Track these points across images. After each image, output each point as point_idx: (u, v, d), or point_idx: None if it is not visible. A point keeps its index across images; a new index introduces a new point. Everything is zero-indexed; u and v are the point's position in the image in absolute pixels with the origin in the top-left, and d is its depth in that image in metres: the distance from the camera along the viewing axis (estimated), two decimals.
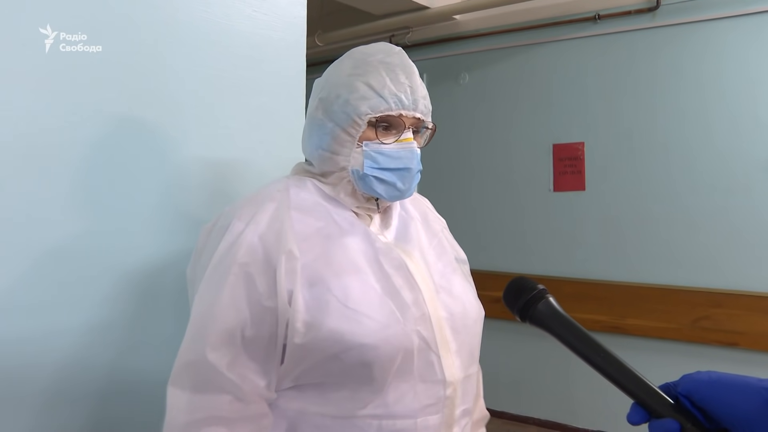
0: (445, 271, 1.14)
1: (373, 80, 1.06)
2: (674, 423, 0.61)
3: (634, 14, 3.52)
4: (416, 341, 1.01)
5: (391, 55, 1.11)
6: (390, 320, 1.00)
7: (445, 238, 1.23)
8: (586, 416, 3.64)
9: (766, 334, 3.12)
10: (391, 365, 0.99)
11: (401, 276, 1.05)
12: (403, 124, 1.08)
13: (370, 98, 1.05)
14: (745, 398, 0.58)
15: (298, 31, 1.67)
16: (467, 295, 1.14)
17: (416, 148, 1.09)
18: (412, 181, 1.09)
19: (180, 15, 1.41)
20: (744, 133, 3.22)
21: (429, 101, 1.13)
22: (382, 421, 1.00)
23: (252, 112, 1.55)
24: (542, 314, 0.72)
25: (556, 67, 3.82)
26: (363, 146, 1.07)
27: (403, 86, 1.07)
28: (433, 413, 1.03)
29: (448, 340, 1.06)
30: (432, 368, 1.03)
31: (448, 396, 1.05)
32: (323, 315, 0.97)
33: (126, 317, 1.32)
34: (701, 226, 3.34)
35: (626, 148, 3.57)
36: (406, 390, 1.01)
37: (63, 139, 1.23)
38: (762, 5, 3.16)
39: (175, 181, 1.41)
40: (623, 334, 3.47)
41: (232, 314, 0.98)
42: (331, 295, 0.99)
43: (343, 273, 1.01)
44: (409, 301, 1.03)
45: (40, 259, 1.20)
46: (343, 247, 1.05)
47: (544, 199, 3.86)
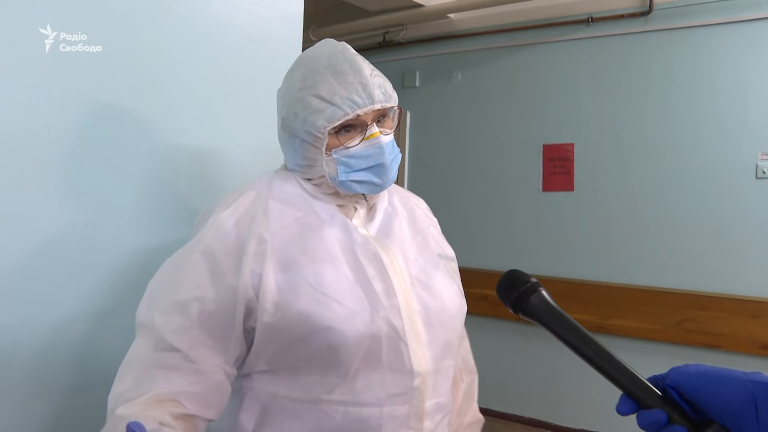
0: (425, 266, 1.15)
1: (323, 90, 1.06)
2: (662, 413, 0.62)
3: (627, 18, 3.54)
4: (384, 329, 1.03)
5: (335, 56, 1.10)
6: (359, 307, 1.03)
7: (431, 235, 1.24)
8: (571, 414, 3.67)
9: (748, 337, 3.17)
10: (357, 350, 1.01)
11: (374, 267, 1.07)
12: (365, 121, 1.08)
13: (323, 110, 1.05)
14: (731, 391, 0.60)
15: (295, 27, 1.68)
16: (448, 290, 1.15)
17: (384, 140, 1.09)
18: (388, 173, 1.10)
19: (179, 8, 1.42)
20: (732, 139, 3.26)
21: (387, 85, 1.11)
22: (348, 408, 1.03)
23: (248, 106, 1.56)
24: (535, 307, 0.74)
25: (549, 68, 3.84)
26: (332, 154, 1.08)
27: (353, 86, 1.06)
28: (401, 403, 1.05)
29: (420, 332, 1.07)
30: (401, 358, 1.05)
31: (416, 387, 1.06)
32: (294, 297, 1.01)
33: (115, 308, 1.33)
34: (688, 229, 3.38)
35: (616, 150, 3.61)
36: (374, 378, 1.04)
37: (61, 134, 1.24)
38: (754, 13, 3.20)
39: (170, 175, 1.42)
40: (609, 334, 3.51)
41: (189, 288, 1.01)
42: (303, 279, 1.02)
43: (317, 260, 1.05)
44: (379, 291, 1.05)
45: (31, 251, 1.21)
46: (320, 236, 1.08)
47: (533, 198, 3.89)
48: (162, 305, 1.01)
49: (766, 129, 3.19)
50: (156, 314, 1.00)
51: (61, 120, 1.24)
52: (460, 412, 1.34)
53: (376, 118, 1.09)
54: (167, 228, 1.41)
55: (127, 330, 1.35)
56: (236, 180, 1.52)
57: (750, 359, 3.16)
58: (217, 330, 1.01)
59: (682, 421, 0.62)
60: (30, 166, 1.21)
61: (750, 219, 3.22)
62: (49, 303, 1.24)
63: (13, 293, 1.19)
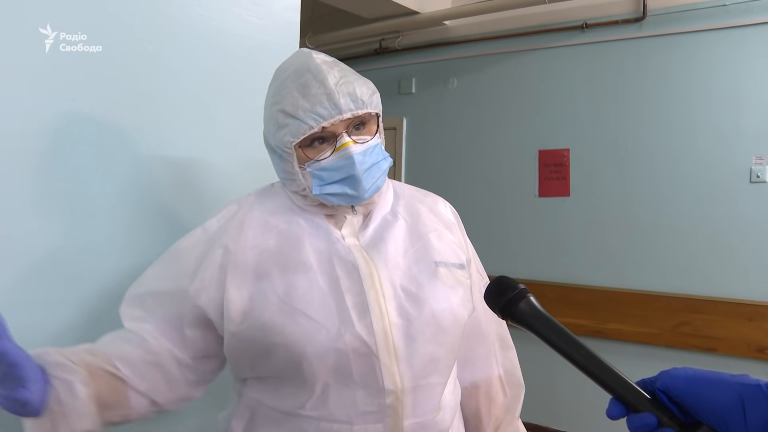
0: (419, 275, 1.10)
1: (287, 105, 1.04)
2: (652, 417, 0.63)
3: (622, 24, 3.57)
4: (352, 344, 1.01)
5: (300, 67, 1.07)
6: (326, 321, 1.01)
7: (437, 240, 1.17)
8: (568, 419, 3.68)
9: (743, 340, 3.19)
10: (320, 364, 1.00)
11: (350, 279, 1.05)
12: (333, 133, 1.05)
13: (288, 125, 1.04)
14: (720, 393, 0.61)
15: (291, 36, 1.69)
16: (441, 301, 1.09)
17: (355, 150, 1.04)
18: (362, 184, 1.05)
19: (178, 17, 1.43)
20: (727, 143, 3.29)
21: (360, 90, 1.06)
22: (320, 423, 1.02)
23: (246, 114, 1.57)
24: (524, 313, 0.74)
25: (544, 74, 3.86)
26: (306, 167, 1.06)
27: (317, 97, 1.03)
28: (374, 422, 1.02)
29: (396, 347, 1.03)
30: (373, 374, 1.02)
31: (389, 405, 1.02)
32: (262, 308, 1.02)
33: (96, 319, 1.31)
34: (683, 233, 3.39)
35: (611, 155, 3.63)
36: (346, 395, 1.02)
37: (53, 138, 1.24)
38: (746, 19, 3.23)
39: (169, 183, 1.43)
40: (605, 339, 3.53)
41: (148, 283, 1.11)
42: (273, 291, 1.03)
43: (291, 271, 1.04)
44: (351, 305, 1.03)
45: (18, 259, 1.21)
46: (298, 246, 1.07)
47: (529, 204, 3.91)
48: (127, 296, 1.12)
49: (759, 133, 3.21)
50: (123, 304, 1.11)
51: (55, 123, 1.24)
52: (499, 427, 1.30)
53: (349, 127, 1.06)
54: (155, 236, 1.41)
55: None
56: (236, 188, 1.52)
57: (746, 362, 3.17)
58: (168, 325, 1.07)
59: (672, 424, 0.63)
60: (22, 170, 1.21)
61: (745, 222, 3.24)
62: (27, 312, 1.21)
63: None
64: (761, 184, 3.20)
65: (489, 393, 1.29)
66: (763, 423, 0.59)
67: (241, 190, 1.31)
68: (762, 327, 3.15)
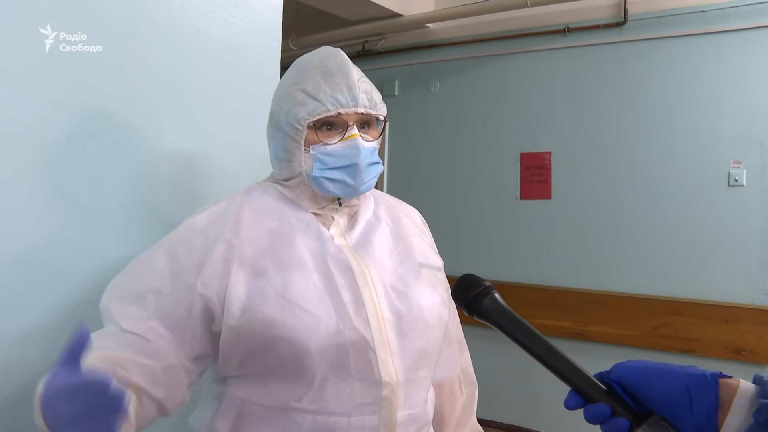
0: (405, 275, 1.15)
1: (309, 86, 1.09)
2: (606, 407, 0.67)
3: (603, 28, 3.60)
4: (351, 338, 1.04)
5: (327, 58, 1.14)
6: (325, 316, 1.04)
7: (417, 244, 1.23)
8: (549, 420, 3.70)
9: (721, 342, 3.23)
10: (321, 359, 1.02)
11: (344, 277, 1.08)
12: (346, 122, 1.10)
13: (307, 104, 1.08)
14: (669, 383, 0.65)
15: (273, 37, 1.69)
16: (427, 299, 1.14)
17: (363, 143, 1.10)
18: (362, 176, 1.11)
19: (158, 18, 1.43)
20: (705, 147, 3.33)
21: (374, 94, 1.13)
22: (317, 416, 1.04)
23: (228, 116, 1.57)
24: (488, 308, 0.77)
25: (526, 77, 3.89)
26: (310, 150, 1.10)
27: (339, 85, 1.09)
28: (369, 413, 1.05)
29: (390, 342, 1.07)
30: (370, 367, 1.05)
31: (386, 397, 1.06)
32: (261, 303, 1.03)
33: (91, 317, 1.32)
34: (663, 236, 3.43)
35: (592, 158, 3.66)
36: (342, 388, 1.04)
37: (55, 139, 1.25)
38: (724, 25, 3.27)
39: (149, 182, 1.42)
40: (586, 341, 3.55)
41: (148, 281, 1.06)
42: (271, 287, 1.05)
43: (287, 268, 1.07)
44: (347, 301, 1.06)
45: (12, 258, 1.21)
46: (292, 244, 1.10)
47: (510, 206, 3.93)
48: (120, 294, 1.06)
49: (737, 137, 3.26)
50: (113, 302, 1.05)
51: (54, 123, 1.25)
52: (459, 424, 1.33)
53: (358, 121, 1.11)
54: (145, 235, 1.41)
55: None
56: (217, 188, 1.52)
57: (723, 363, 3.21)
58: (172, 324, 1.04)
59: (625, 413, 0.67)
60: (20, 169, 1.21)
61: (723, 226, 3.28)
62: (24, 311, 1.22)
63: None
64: (739, 187, 3.24)
65: (452, 391, 1.34)
66: (707, 410, 0.63)
67: (224, 187, 1.31)
68: (739, 329, 3.19)
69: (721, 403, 0.63)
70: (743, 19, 3.23)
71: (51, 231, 1.26)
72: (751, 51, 3.23)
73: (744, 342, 3.18)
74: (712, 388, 0.63)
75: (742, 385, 0.64)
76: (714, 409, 0.63)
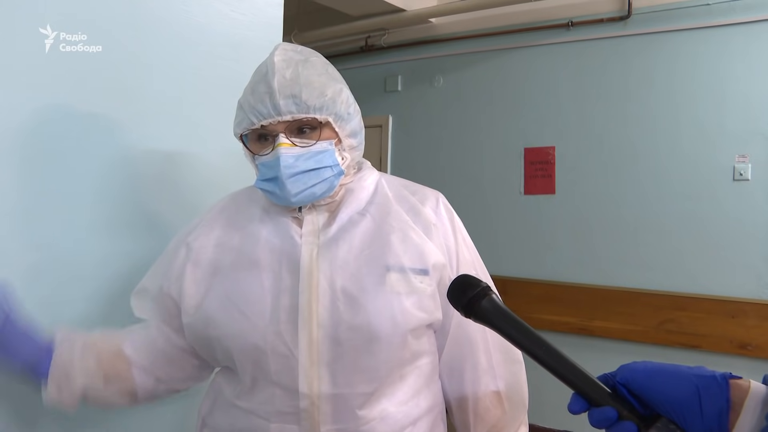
0: (365, 280, 1.05)
1: (242, 97, 1.09)
2: (612, 410, 0.64)
3: (607, 22, 3.58)
4: (272, 343, 1.03)
5: (265, 62, 1.08)
6: (256, 318, 1.05)
7: (396, 243, 1.09)
8: (553, 416, 3.69)
9: (727, 337, 3.21)
10: (245, 360, 1.06)
11: (291, 279, 1.06)
12: (273, 131, 1.05)
13: (238, 117, 1.09)
14: (677, 385, 0.63)
15: (274, 32, 1.68)
16: (380, 310, 1.03)
17: (284, 152, 1.02)
18: (286, 187, 1.03)
19: (159, 14, 1.42)
20: (710, 141, 3.30)
21: (309, 94, 1.02)
22: (248, 416, 1.08)
23: (228, 111, 1.55)
24: (486, 310, 0.75)
25: (529, 72, 3.87)
26: (255, 160, 1.10)
27: (260, 95, 1.03)
28: (290, 422, 1.04)
29: (320, 351, 1.02)
30: (290, 376, 1.03)
31: (304, 409, 1.02)
32: (209, 302, 1.09)
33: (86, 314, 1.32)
34: (668, 231, 3.41)
35: (596, 153, 3.64)
36: (267, 392, 1.06)
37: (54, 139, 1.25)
38: (729, 18, 3.24)
39: (150, 181, 1.42)
40: (590, 336, 3.54)
41: (149, 277, 1.22)
42: (222, 286, 1.09)
43: (240, 268, 1.10)
44: (283, 305, 1.05)
45: (11, 257, 1.20)
46: (254, 244, 1.11)
47: (514, 202, 3.91)
48: (137, 288, 1.23)
49: (742, 132, 3.23)
50: (132, 296, 1.23)
51: (54, 123, 1.24)
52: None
53: (289, 128, 1.04)
54: (146, 234, 1.40)
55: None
56: (218, 185, 1.51)
57: (729, 359, 3.20)
58: (166, 314, 1.18)
59: (631, 416, 0.64)
60: (18, 169, 1.20)
61: (728, 220, 3.26)
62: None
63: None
64: (744, 182, 3.22)
65: (476, 410, 1.17)
66: (717, 412, 0.61)
67: (224, 186, 1.31)
68: (744, 324, 3.17)
69: (732, 405, 0.61)
70: (749, 12, 3.20)
71: (54, 231, 1.26)
72: (756, 44, 3.20)
73: (749, 337, 3.16)
74: (722, 390, 0.61)
75: (753, 387, 0.62)
76: (725, 411, 0.61)
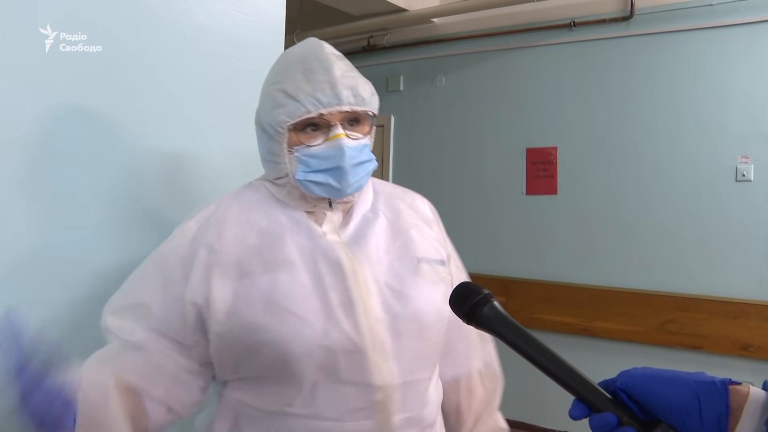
0: (402, 272, 1.10)
1: (289, 85, 1.04)
2: (612, 416, 0.64)
3: (609, 22, 3.58)
4: (339, 341, 1.00)
5: (309, 53, 1.08)
6: (311, 318, 1.01)
7: (417, 236, 1.16)
8: (554, 417, 3.69)
9: (728, 338, 3.21)
10: (308, 362, 1.00)
11: (334, 276, 1.04)
12: (329, 122, 1.04)
13: (286, 105, 1.04)
14: (677, 391, 0.63)
15: (277, 32, 1.68)
16: (425, 298, 1.09)
17: (347, 143, 1.05)
18: (348, 178, 1.05)
19: (160, 13, 1.42)
20: (712, 142, 3.30)
21: (362, 88, 1.07)
22: (309, 422, 1.01)
23: (230, 111, 1.56)
24: (488, 317, 0.75)
25: (532, 72, 3.87)
26: (294, 152, 1.06)
27: (320, 83, 1.03)
28: (364, 418, 1.02)
29: (384, 343, 1.03)
30: (362, 371, 1.01)
31: (379, 401, 1.02)
32: (245, 306, 1.01)
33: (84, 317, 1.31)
34: (669, 231, 3.41)
35: (598, 153, 3.64)
36: (334, 392, 1.01)
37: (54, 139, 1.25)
38: (732, 19, 3.24)
39: (151, 180, 1.42)
40: (592, 337, 3.54)
41: (139, 294, 1.07)
42: (257, 288, 1.02)
43: (274, 268, 1.04)
44: (335, 302, 1.02)
45: (8, 256, 1.20)
46: (281, 243, 1.06)
47: (516, 202, 3.91)
48: (114, 308, 1.07)
49: (745, 132, 3.23)
50: (109, 317, 1.06)
51: (54, 123, 1.24)
52: (479, 419, 1.29)
53: (344, 119, 1.06)
54: (146, 233, 1.40)
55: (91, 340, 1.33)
56: (219, 184, 1.52)
57: (730, 360, 3.19)
58: (170, 333, 1.05)
59: (632, 422, 0.64)
60: (18, 169, 1.20)
61: (730, 221, 3.26)
62: None
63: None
64: (746, 182, 3.22)
65: (469, 387, 1.28)
66: (717, 418, 0.61)
67: (227, 185, 1.31)
68: (746, 325, 3.17)
69: (731, 410, 0.61)
70: (751, 12, 3.20)
71: (51, 231, 1.26)
72: (759, 45, 3.20)
73: (751, 338, 3.15)
74: (721, 395, 0.61)
75: (752, 392, 0.62)
76: (724, 416, 0.61)
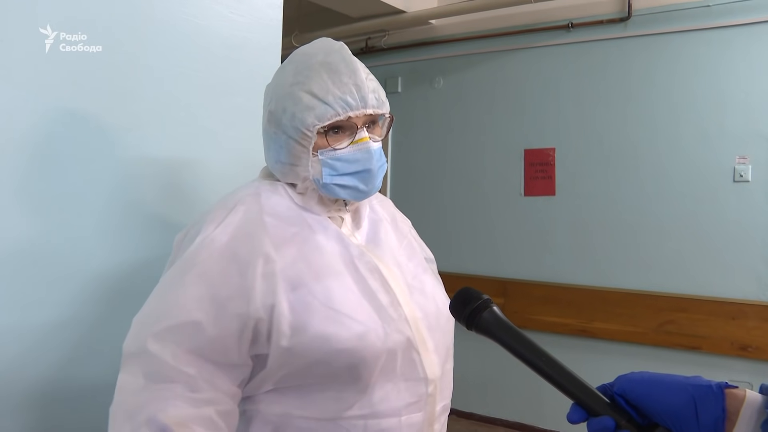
0: (416, 271, 1.13)
1: (316, 87, 1.02)
2: (610, 420, 0.65)
3: (607, 24, 3.58)
4: (398, 341, 1.01)
5: (331, 54, 1.06)
6: (371, 322, 1.00)
7: (414, 238, 1.23)
8: (553, 418, 3.69)
9: (727, 338, 3.21)
10: (375, 365, 0.99)
11: (376, 279, 1.04)
12: (355, 125, 1.04)
13: (315, 107, 1.01)
14: (674, 395, 0.64)
15: (274, 34, 1.68)
16: (438, 294, 1.14)
17: (373, 146, 1.05)
18: (374, 180, 1.07)
19: (158, 15, 1.42)
20: (710, 142, 3.31)
21: (381, 91, 1.07)
22: (368, 421, 1.00)
23: (227, 113, 1.56)
24: (487, 322, 0.76)
25: (530, 73, 3.87)
26: (318, 155, 1.04)
27: (347, 86, 1.02)
28: (416, 411, 1.04)
29: (425, 339, 1.06)
30: (414, 367, 1.04)
31: (431, 393, 1.06)
32: (308, 318, 0.96)
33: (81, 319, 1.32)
34: (668, 232, 3.41)
35: (597, 154, 3.64)
36: (390, 389, 1.02)
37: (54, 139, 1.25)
38: (729, 20, 3.25)
39: (150, 180, 1.42)
40: (590, 338, 3.54)
41: (185, 312, 0.94)
42: (314, 298, 0.98)
43: (323, 276, 1.00)
44: (385, 303, 1.03)
45: (7, 255, 1.20)
46: (319, 250, 1.03)
47: (514, 203, 3.91)
48: (155, 330, 0.93)
49: (742, 133, 3.23)
50: (150, 340, 0.92)
51: (54, 123, 1.25)
52: None
53: (366, 122, 1.06)
54: (146, 233, 1.40)
55: (92, 342, 1.33)
56: (217, 186, 1.52)
57: (729, 360, 3.20)
58: (217, 356, 0.94)
59: (629, 426, 0.65)
60: (17, 169, 1.20)
61: (728, 222, 3.26)
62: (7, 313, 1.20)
63: None
64: (744, 183, 3.22)
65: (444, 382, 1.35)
66: (713, 421, 0.62)
67: (225, 186, 1.31)
68: (745, 325, 3.17)
69: (727, 414, 0.62)
70: (749, 13, 3.20)
71: (50, 230, 1.26)
72: (756, 46, 3.21)
73: (750, 339, 3.16)
74: (718, 399, 0.62)
75: (748, 396, 0.62)
76: (721, 420, 0.62)
